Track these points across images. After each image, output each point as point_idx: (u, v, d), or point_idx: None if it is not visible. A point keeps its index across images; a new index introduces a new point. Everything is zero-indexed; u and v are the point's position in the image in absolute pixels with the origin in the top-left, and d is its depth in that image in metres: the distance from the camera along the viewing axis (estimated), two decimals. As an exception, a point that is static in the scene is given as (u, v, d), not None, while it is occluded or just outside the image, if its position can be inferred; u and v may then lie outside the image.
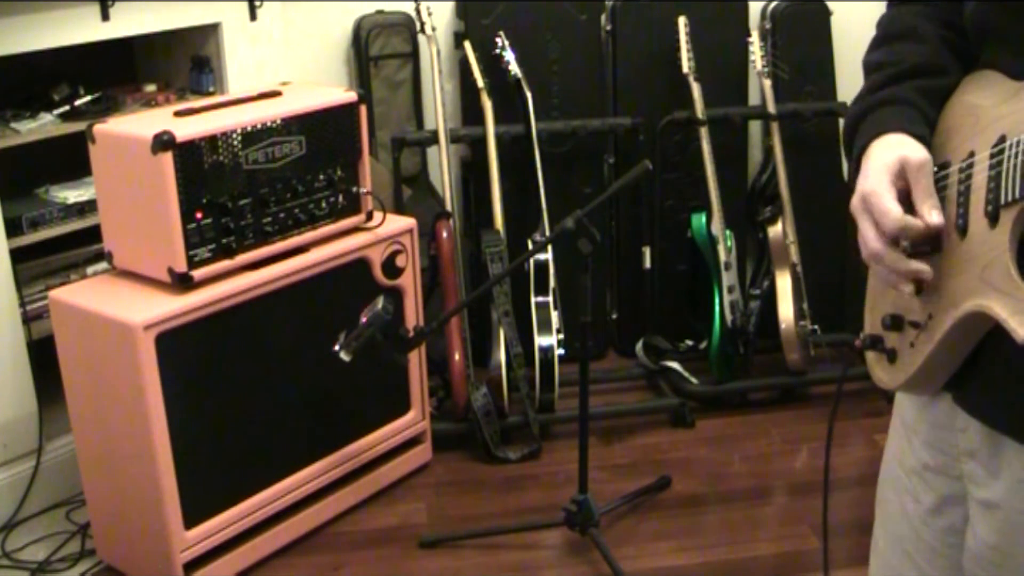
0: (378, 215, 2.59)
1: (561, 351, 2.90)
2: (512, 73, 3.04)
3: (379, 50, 3.22)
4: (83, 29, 2.54)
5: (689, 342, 3.34)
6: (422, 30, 3.04)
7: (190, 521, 2.25)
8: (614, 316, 3.44)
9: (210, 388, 2.27)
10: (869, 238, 1.04)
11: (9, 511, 2.59)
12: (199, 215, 2.20)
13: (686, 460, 2.84)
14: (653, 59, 3.24)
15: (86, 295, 2.26)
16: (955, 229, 1.02)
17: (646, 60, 3.25)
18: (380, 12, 3.25)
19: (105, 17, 2.57)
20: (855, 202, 1.06)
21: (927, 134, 1.07)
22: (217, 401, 2.29)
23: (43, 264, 2.66)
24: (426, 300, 2.80)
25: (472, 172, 3.29)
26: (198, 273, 2.21)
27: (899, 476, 1.24)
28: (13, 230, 2.51)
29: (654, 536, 2.53)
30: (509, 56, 3.05)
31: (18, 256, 2.52)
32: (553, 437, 2.95)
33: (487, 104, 3.01)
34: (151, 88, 2.92)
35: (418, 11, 3.04)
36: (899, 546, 1.25)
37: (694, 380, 3.13)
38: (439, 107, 2.98)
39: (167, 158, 2.11)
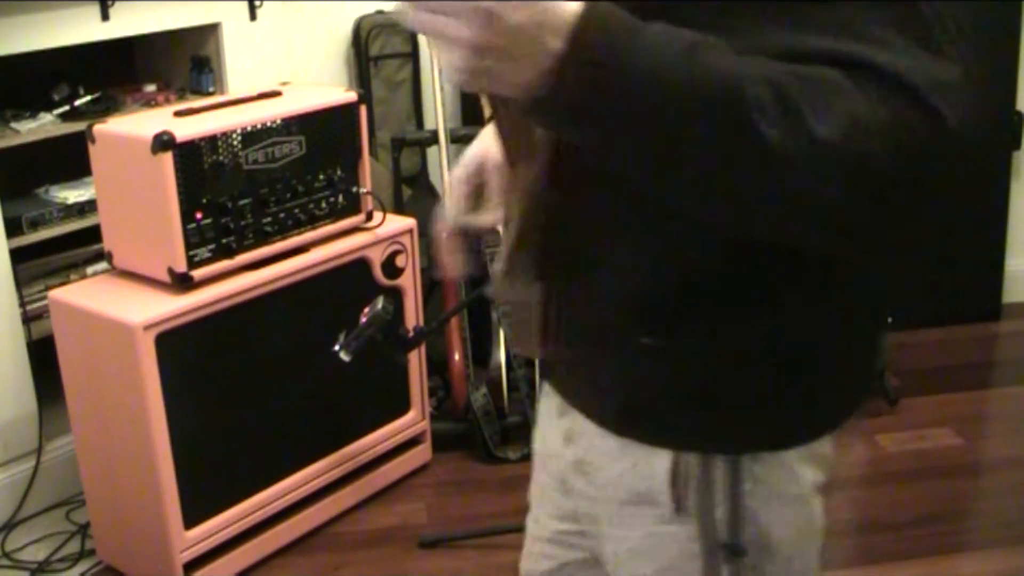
0: (378, 215, 2.59)
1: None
2: (512, 73, 3.03)
3: (379, 50, 3.22)
4: (83, 29, 2.54)
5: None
6: (422, 30, 3.04)
7: (190, 521, 2.25)
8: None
9: (210, 388, 2.27)
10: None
11: (9, 511, 2.59)
12: (199, 215, 2.20)
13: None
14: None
15: (86, 295, 2.26)
16: None
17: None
18: (380, 12, 3.25)
19: (105, 17, 2.57)
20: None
21: None
22: (217, 401, 2.28)
23: (43, 264, 2.65)
24: (426, 300, 2.80)
25: (472, 172, 3.28)
26: (198, 273, 2.21)
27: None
28: (13, 230, 2.50)
29: (654, 536, 2.52)
30: (509, 56, 3.04)
31: (18, 256, 2.52)
32: (553, 437, 2.95)
33: (487, 104, 3.00)
34: (151, 88, 2.92)
35: (418, 11, 3.04)
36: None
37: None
38: (439, 107, 2.98)
39: (167, 158, 2.11)
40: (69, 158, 2.63)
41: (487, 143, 1.16)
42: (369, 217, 2.57)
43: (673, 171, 0.81)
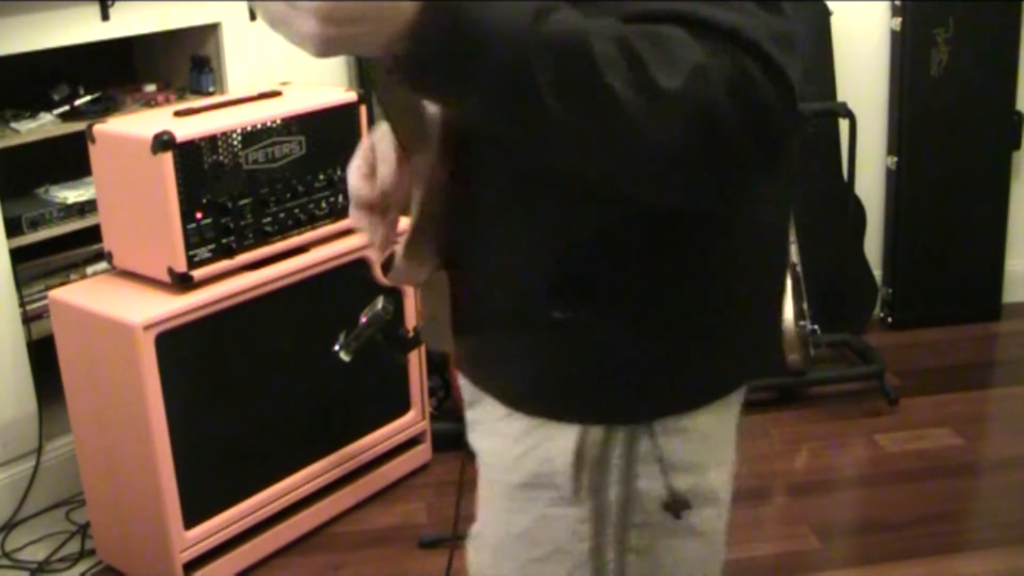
0: (378, 215, 2.58)
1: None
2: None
3: (379, 50, 3.22)
4: (83, 29, 2.54)
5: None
6: (422, 30, 3.04)
7: (190, 521, 2.25)
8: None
9: (210, 388, 2.27)
10: None
11: (9, 511, 2.59)
12: (199, 215, 2.20)
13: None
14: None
15: (86, 295, 2.26)
16: None
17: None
18: (380, 12, 3.24)
19: (105, 17, 2.57)
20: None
21: None
22: (217, 401, 2.29)
23: (43, 264, 2.65)
24: (426, 300, 2.80)
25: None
26: (198, 273, 2.22)
27: None
28: (13, 230, 2.51)
29: (654, 536, 2.52)
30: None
31: (18, 256, 2.52)
32: (553, 437, 2.95)
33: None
34: (151, 88, 2.92)
35: (418, 11, 3.04)
36: None
37: (694, 380, 3.12)
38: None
39: (167, 158, 2.11)
40: (69, 158, 2.63)
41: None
42: (369, 217, 2.57)
43: (535, 129, 0.83)
